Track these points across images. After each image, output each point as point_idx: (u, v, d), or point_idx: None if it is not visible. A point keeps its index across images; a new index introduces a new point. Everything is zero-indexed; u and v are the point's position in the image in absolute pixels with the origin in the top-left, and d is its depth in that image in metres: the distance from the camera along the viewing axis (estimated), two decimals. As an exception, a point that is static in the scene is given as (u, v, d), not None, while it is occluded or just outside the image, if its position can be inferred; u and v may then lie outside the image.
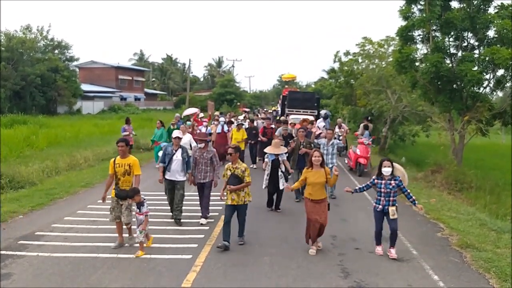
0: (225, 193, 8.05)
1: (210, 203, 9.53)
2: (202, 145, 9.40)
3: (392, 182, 7.42)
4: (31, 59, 43.16)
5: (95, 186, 12.81)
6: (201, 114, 22.01)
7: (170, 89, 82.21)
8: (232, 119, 19.83)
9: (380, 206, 7.51)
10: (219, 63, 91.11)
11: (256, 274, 6.72)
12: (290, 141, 12.42)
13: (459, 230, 9.23)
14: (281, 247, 8.03)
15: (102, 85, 59.16)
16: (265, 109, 46.89)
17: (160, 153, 11.59)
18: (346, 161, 17.42)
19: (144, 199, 7.50)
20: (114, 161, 7.70)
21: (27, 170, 13.73)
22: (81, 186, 12.77)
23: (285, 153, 10.63)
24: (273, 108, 43.12)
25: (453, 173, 14.65)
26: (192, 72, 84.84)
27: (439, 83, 15.39)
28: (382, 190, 7.46)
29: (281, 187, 10.13)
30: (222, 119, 17.71)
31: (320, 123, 15.23)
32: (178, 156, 9.14)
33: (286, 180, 10.19)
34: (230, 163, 8.13)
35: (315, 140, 12.53)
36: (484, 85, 15.35)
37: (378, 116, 26.00)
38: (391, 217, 7.40)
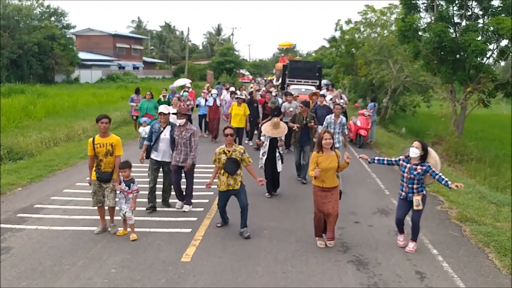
0: (215, 180, 7.30)
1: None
2: (183, 121, 8.16)
3: (418, 168, 6.47)
4: (28, 27, 42.33)
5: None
6: (188, 84, 20.85)
7: (169, 57, 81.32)
8: (233, 89, 19.21)
9: (403, 193, 6.66)
10: (218, 31, 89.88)
11: (255, 248, 6.72)
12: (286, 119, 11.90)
13: (459, 203, 9.22)
14: (281, 220, 8.02)
15: (100, 53, 58.37)
16: (265, 78, 45.46)
17: (141, 129, 11.02)
18: (346, 132, 17.27)
19: (134, 178, 7.05)
20: (93, 140, 6.93)
21: (25, 141, 13.66)
22: (80, 158, 12.66)
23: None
24: (269, 78, 42.16)
25: (454, 145, 14.60)
26: (190, 41, 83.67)
27: (442, 53, 15.13)
28: (405, 175, 6.58)
29: (279, 169, 9.36)
30: (214, 91, 16.50)
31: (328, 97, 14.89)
32: (166, 134, 8.21)
33: (282, 162, 9.44)
34: (223, 146, 7.24)
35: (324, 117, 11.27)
36: (488, 56, 15.12)
37: (379, 87, 25.78)
38: (414, 207, 6.57)
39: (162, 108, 8.34)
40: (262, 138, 9.47)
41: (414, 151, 6.44)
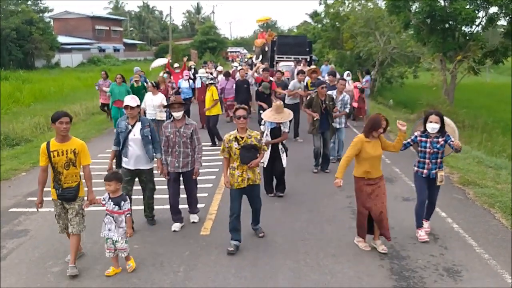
0: (230, 176, 5.84)
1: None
2: (180, 114, 6.32)
3: (440, 139, 5.85)
4: (4, 12, 41.23)
5: (92, 141, 12.66)
6: (176, 64, 18.28)
7: (150, 38, 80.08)
8: (220, 68, 18.59)
9: (426, 171, 5.97)
10: (198, 9, 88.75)
11: (270, 219, 6.83)
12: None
13: (459, 168, 9.48)
14: (290, 193, 8.11)
15: (79, 36, 57.12)
16: (246, 57, 43.18)
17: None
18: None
19: (124, 193, 5.55)
20: (48, 146, 5.14)
21: (19, 127, 13.57)
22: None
23: (290, 120, 8.12)
24: (248, 56, 41.08)
25: (446, 113, 14.66)
26: (173, 20, 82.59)
27: (431, 22, 15.25)
28: (428, 150, 5.90)
29: (284, 165, 7.84)
30: (202, 70, 14.80)
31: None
32: (136, 133, 6.27)
33: (287, 155, 7.92)
34: (233, 131, 5.87)
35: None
36: (477, 23, 15.34)
37: (365, 60, 25.89)
38: (438, 183, 5.97)
39: (129, 100, 6.27)
40: (261, 127, 7.91)
41: (434, 127, 5.79)
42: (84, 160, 5.27)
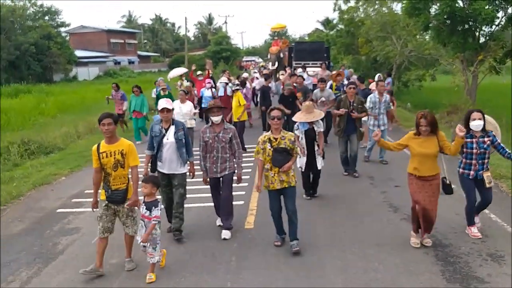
0: (263, 179, 5.85)
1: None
2: (219, 118, 6.26)
3: (486, 139, 5.79)
4: (23, 28, 42.29)
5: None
6: (199, 72, 18.10)
7: (163, 50, 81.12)
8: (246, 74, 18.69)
9: (472, 172, 5.89)
10: (210, 20, 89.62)
11: (310, 214, 7.06)
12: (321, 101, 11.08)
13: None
14: (324, 190, 8.28)
15: (95, 50, 58.25)
16: (259, 66, 43.44)
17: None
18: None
19: (158, 200, 5.34)
20: (98, 148, 5.24)
21: (50, 135, 13.99)
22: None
23: (322, 119, 7.92)
24: (261, 65, 41.20)
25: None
26: (189, 31, 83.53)
27: (451, 23, 15.41)
28: (475, 151, 5.80)
29: (319, 167, 7.73)
30: (224, 79, 14.82)
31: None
32: (170, 137, 6.14)
33: (323, 157, 7.80)
34: (268, 132, 5.92)
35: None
36: (496, 23, 15.47)
37: (381, 64, 26.01)
38: (487, 185, 5.88)
39: (165, 103, 6.13)
40: (296, 132, 7.63)
41: (478, 124, 5.66)
42: (132, 161, 5.26)
